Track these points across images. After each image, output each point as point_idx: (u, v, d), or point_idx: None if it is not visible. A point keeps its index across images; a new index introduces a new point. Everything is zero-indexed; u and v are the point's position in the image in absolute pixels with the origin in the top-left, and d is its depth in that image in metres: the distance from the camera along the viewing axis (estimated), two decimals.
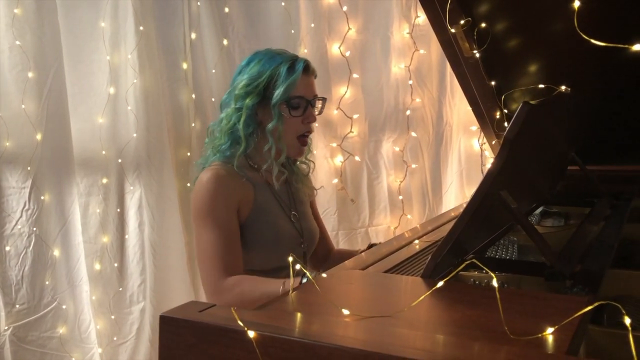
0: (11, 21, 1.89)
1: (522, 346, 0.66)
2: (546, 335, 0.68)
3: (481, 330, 0.74)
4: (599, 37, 0.95)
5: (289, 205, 1.62)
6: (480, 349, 0.68)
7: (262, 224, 1.53)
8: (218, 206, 1.48)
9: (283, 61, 1.52)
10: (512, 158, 0.88)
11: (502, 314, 0.72)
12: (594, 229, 1.24)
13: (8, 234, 1.95)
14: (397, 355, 0.65)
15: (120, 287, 2.20)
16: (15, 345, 1.98)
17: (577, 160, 1.48)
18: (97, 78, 2.15)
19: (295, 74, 1.50)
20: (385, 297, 0.94)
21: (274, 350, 0.69)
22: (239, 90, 1.52)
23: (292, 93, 1.50)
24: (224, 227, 1.48)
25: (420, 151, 2.76)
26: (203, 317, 0.76)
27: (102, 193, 2.17)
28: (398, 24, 2.69)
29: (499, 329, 0.71)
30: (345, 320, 0.77)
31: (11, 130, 1.92)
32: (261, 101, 1.52)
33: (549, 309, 0.73)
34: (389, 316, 0.78)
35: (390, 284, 1.00)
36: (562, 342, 0.66)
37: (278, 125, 1.51)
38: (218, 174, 1.50)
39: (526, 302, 0.84)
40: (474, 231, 0.92)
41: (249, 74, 1.52)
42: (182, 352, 0.75)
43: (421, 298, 0.82)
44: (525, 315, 0.75)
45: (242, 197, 1.52)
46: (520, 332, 0.69)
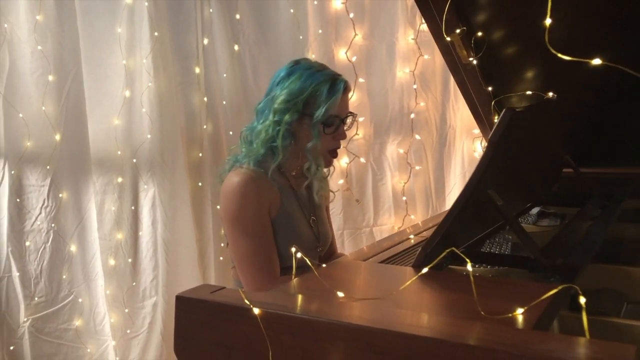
0: (33, 27, 1.94)
1: (493, 323, 0.73)
2: (516, 315, 0.74)
3: (460, 310, 0.81)
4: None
5: (309, 210, 1.63)
6: (456, 324, 0.74)
7: (286, 227, 1.53)
8: (253, 209, 1.48)
9: (324, 79, 1.49)
10: (498, 159, 0.93)
11: (476, 297, 0.78)
12: (582, 226, 1.28)
13: (28, 229, 2.01)
14: (381, 328, 0.71)
15: (134, 282, 2.23)
16: (34, 336, 2.03)
17: (571, 163, 1.52)
18: (113, 81, 2.18)
19: (336, 95, 1.48)
20: (378, 283, 1.00)
21: (276, 325, 0.75)
22: (279, 105, 1.49)
23: (331, 113, 1.49)
24: (260, 229, 1.49)
25: (424, 153, 2.77)
26: (214, 297, 0.82)
27: (117, 191, 2.20)
28: (403, 30, 2.71)
29: (475, 310, 0.77)
30: (340, 301, 0.83)
31: (32, 131, 1.97)
32: (301, 118, 1.50)
33: (523, 294, 0.79)
34: (379, 298, 0.83)
35: (383, 272, 1.06)
36: (529, 320, 0.73)
37: (317, 143, 1.50)
38: (251, 177, 1.49)
39: (503, 288, 0.91)
40: (464, 226, 0.97)
41: (289, 88, 1.49)
42: (196, 328, 0.81)
43: (408, 283, 0.88)
44: (501, 298, 0.81)
45: (272, 200, 1.52)
46: (494, 312, 0.75)
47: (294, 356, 0.73)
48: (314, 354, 0.72)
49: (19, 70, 1.95)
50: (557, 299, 0.76)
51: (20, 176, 1.98)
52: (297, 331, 0.74)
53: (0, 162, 1.95)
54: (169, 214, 2.26)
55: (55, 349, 2.08)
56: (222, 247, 2.45)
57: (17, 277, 1.98)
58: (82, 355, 2.13)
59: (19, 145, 1.96)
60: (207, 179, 2.40)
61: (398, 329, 0.70)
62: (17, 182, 1.97)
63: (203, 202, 2.41)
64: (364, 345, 0.70)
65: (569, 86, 1.16)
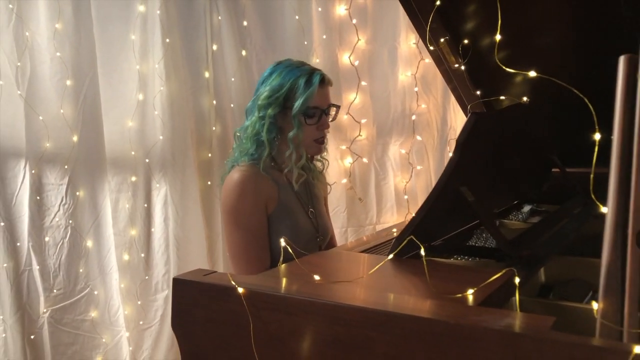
0: (52, 35, 1.98)
1: (445, 300, 0.82)
2: (466, 295, 0.82)
3: (418, 290, 0.91)
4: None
5: (307, 202, 1.69)
6: (407, 300, 0.84)
7: (284, 220, 1.59)
8: (248, 204, 1.55)
9: (301, 74, 1.57)
10: (468, 159, 1.01)
11: (430, 279, 0.87)
12: (557, 222, 1.35)
13: (47, 225, 2.03)
14: (343, 303, 0.80)
15: (147, 275, 2.26)
16: (53, 326, 2.05)
17: (557, 163, 1.58)
18: (127, 85, 2.21)
19: (312, 87, 1.55)
20: (353, 269, 1.09)
21: (257, 302, 0.84)
22: (262, 101, 1.58)
23: (309, 104, 1.56)
24: (254, 224, 1.55)
25: (425, 154, 2.80)
26: (206, 279, 0.91)
27: (131, 190, 2.23)
28: (405, 35, 2.74)
29: (431, 290, 0.86)
30: (316, 283, 0.91)
31: (51, 132, 2.00)
32: (281, 110, 1.58)
33: (477, 278, 0.87)
34: (349, 281, 0.92)
35: (359, 260, 1.15)
36: (476, 300, 0.81)
37: (298, 133, 1.57)
38: (247, 174, 1.56)
39: (460, 273, 1.00)
40: (439, 220, 1.05)
41: (270, 85, 1.58)
42: (189, 306, 0.90)
43: (375, 268, 0.98)
44: (456, 282, 0.90)
45: (268, 195, 1.58)
46: (446, 292, 0.84)
47: (271, 329, 0.82)
48: (288, 326, 0.81)
49: (39, 76, 1.99)
50: (507, 283, 0.84)
51: (40, 175, 2.01)
52: (274, 307, 0.83)
53: (21, 162, 1.98)
54: (180, 212, 2.29)
55: (73, 339, 2.10)
56: None
57: (37, 270, 2.01)
58: (97, 345, 2.15)
59: (39, 146, 1.99)
60: (216, 178, 2.43)
61: (356, 304, 0.79)
62: (37, 180, 2.00)
63: (212, 200, 2.44)
64: (329, 319, 0.79)
65: (554, 91, 1.23)
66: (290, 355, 0.81)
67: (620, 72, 0.70)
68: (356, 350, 0.77)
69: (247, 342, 0.84)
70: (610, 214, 0.69)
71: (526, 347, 0.67)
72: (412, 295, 0.86)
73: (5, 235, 1.96)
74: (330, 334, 0.78)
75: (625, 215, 0.68)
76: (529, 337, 0.68)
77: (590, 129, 1.47)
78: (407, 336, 0.74)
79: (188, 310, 0.91)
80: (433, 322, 0.73)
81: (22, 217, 2.00)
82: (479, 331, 0.70)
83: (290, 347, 0.81)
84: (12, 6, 1.91)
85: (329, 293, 0.86)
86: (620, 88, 0.70)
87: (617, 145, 0.69)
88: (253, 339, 0.82)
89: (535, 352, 0.67)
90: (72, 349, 2.11)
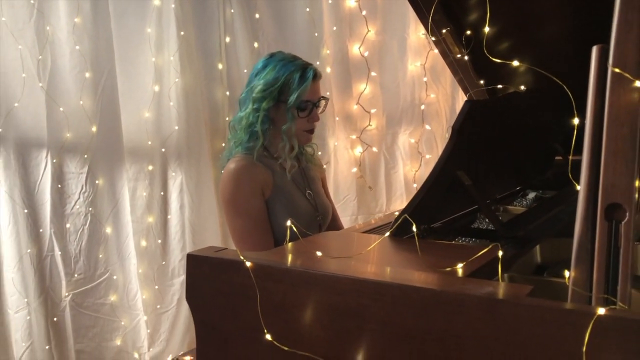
0: (72, 29, 2.01)
1: (438, 273, 0.88)
2: (455, 268, 0.89)
3: (411, 264, 0.97)
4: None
5: (304, 185, 1.73)
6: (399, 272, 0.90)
7: (282, 203, 1.64)
8: (245, 193, 1.60)
9: (295, 69, 1.61)
10: (464, 144, 1.05)
11: (420, 253, 0.94)
12: (553, 206, 1.39)
13: (68, 213, 2.06)
14: (340, 275, 0.87)
15: (163, 261, 2.30)
16: (74, 309, 2.08)
17: (560, 150, 1.60)
18: (143, 77, 2.24)
19: (306, 82, 1.60)
20: (354, 246, 1.14)
21: (263, 274, 0.90)
22: (256, 94, 1.62)
23: (302, 98, 1.61)
24: (253, 210, 1.60)
25: (434, 143, 2.82)
26: (217, 254, 0.98)
27: (147, 178, 2.27)
28: (414, 26, 2.75)
29: (423, 264, 0.93)
30: (318, 259, 0.98)
31: (71, 123, 2.03)
32: (275, 103, 1.63)
33: (467, 254, 0.92)
34: (349, 257, 0.98)
35: (361, 239, 1.20)
36: (465, 272, 0.88)
37: (291, 126, 1.62)
38: (242, 164, 1.62)
39: (453, 250, 1.07)
40: (437, 204, 1.09)
41: (265, 79, 1.62)
42: (202, 280, 0.97)
43: (372, 246, 1.04)
44: (448, 257, 0.95)
45: (264, 181, 1.63)
46: (438, 266, 0.90)
47: (276, 299, 0.89)
48: (291, 296, 0.88)
49: (59, 68, 2.02)
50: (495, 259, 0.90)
51: (61, 164, 2.04)
52: (278, 279, 0.89)
53: (43, 152, 2.01)
54: (195, 199, 2.33)
55: (93, 322, 2.14)
56: None
57: (59, 255, 2.04)
58: (116, 328, 2.19)
59: (60, 136, 2.02)
60: None
61: (358, 275, 0.85)
62: (59, 169, 2.04)
63: None
64: (328, 289, 0.85)
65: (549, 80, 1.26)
66: (292, 322, 0.88)
67: (592, 61, 0.74)
68: (352, 317, 0.83)
69: (254, 311, 0.90)
70: (582, 191, 0.74)
71: (504, 311, 0.73)
72: (409, 268, 0.92)
73: (29, 222, 1.99)
74: (329, 302, 0.85)
75: (595, 192, 0.73)
76: (506, 303, 0.74)
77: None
78: (396, 303, 0.80)
79: (200, 284, 0.98)
80: (420, 290, 0.79)
81: (45, 205, 2.04)
82: (462, 297, 0.76)
83: (293, 314, 0.88)
84: (34, 2, 1.95)
85: (328, 267, 0.92)
86: (592, 76, 0.74)
87: (589, 129, 0.74)
88: (260, 308, 0.87)
89: (511, 316, 0.73)
90: (93, 331, 2.15)
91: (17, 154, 1.97)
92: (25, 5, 1.95)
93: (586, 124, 0.74)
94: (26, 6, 1.95)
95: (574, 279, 0.73)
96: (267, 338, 0.90)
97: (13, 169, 1.96)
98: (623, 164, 0.71)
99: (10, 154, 1.95)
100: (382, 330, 0.81)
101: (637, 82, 0.70)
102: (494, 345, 0.74)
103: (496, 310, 0.74)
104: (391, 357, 0.81)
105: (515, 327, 0.72)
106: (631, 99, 0.70)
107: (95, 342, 2.14)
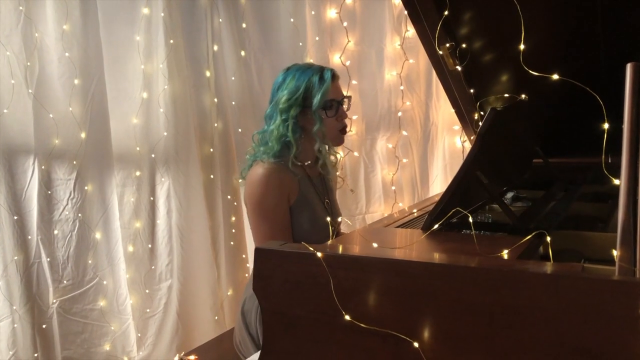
0: (60, 36, 1.97)
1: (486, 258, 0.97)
2: (502, 254, 0.98)
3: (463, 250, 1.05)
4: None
5: (324, 194, 1.76)
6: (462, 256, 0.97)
7: (305, 210, 1.66)
8: (274, 197, 1.60)
9: (313, 73, 1.64)
10: (485, 149, 1.12)
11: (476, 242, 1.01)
12: (549, 203, 1.48)
13: (56, 219, 2.01)
14: (402, 259, 0.96)
15: (152, 266, 2.27)
16: (62, 316, 2.03)
17: (541, 154, 1.70)
18: (132, 84, 2.21)
19: (326, 82, 1.63)
20: (398, 239, 1.22)
21: (334, 263, 0.98)
22: (283, 105, 1.63)
23: (326, 98, 1.63)
24: (279, 215, 1.61)
25: (410, 148, 2.87)
26: (283, 247, 1.06)
27: (136, 184, 2.23)
28: (390, 37, 2.80)
29: (473, 251, 1.02)
30: (378, 248, 1.06)
31: (60, 130, 1.99)
32: (302, 110, 1.64)
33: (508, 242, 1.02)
34: (403, 247, 1.06)
35: (399, 233, 1.28)
36: (512, 257, 0.97)
37: (321, 127, 1.63)
38: (271, 169, 1.62)
39: (491, 240, 1.15)
40: (458, 200, 1.15)
41: (287, 89, 1.63)
42: (270, 271, 1.04)
43: (423, 236, 1.13)
44: (491, 245, 1.05)
45: (290, 188, 1.64)
46: (486, 252, 0.99)
47: (347, 285, 0.97)
48: (361, 281, 0.96)
49: (48, 75, 1.98)
50: (529, 247, 1.02)
51: (49, 170, 2.00)
52: (349, 267, 0.97)
53: (30, 158, 1.96)
54: (184, 204, 2.31)
55: (82, 328, 2.09)
56: (232, 232, 2.52)
57: (47, 262, 2.00)
58: (106, 333, 2.15)
59: (49, 142, 1.98)
60: (217, 172, 2.46)
61: (415, 259, 0.95)
62: (47, 176, 2.00)
63: (214, 192, 2.47)
64: (396, 273, 0.94)
65: (537, 89, 1.35)
66: (363, 305, 0.96)
67: (627, 76, 0.84)
68: (423, 297, 0.93)
69: (324, 296, 0.98)
70: (622, 185, 0.85)
71: (565, 285, 0.83)
72: (460, 254, 1.02)
73: (15, 229, 1.94)
74: (400, 285, 0.94)
75: (635, 185, 0.84)
76: (567, 277, 0.83)
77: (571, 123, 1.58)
78: (465, 282, 0.89)
79: (268, 274, 1.05)
80: (487, 271, 0.89)
81: (32, 212, 1.99)
82: (526, 275, 0.86)
83: (364, 298, 0.96)
84: (22, 8, 1.90)
85: (390, 253, 1.02)
86: (628, 88, 0.83)
87: (627, 134, 0.84)
88: (334, 293, 0.96)
89: (571, 290, 0.82)
90: (81, 337, 2.11)
91: (3, 161, 1.91)
92: (12, 11, 1.89)
93: (624, 129, 0.84)
94: (13, 12, 1.89)
95: (620, 257, 0.84)
96: (346, 319, 0.96)
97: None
98: None
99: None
100: (452, 307, 0.90)
101: None
102: (556, 316, 0.83)
103: (558, 285, 0.83)
104: (460, 332, 0.90)
105: (575, 299, 0.82)
106: None
107: (84, 348, 2.11)
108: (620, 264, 0.84)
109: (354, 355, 0.96)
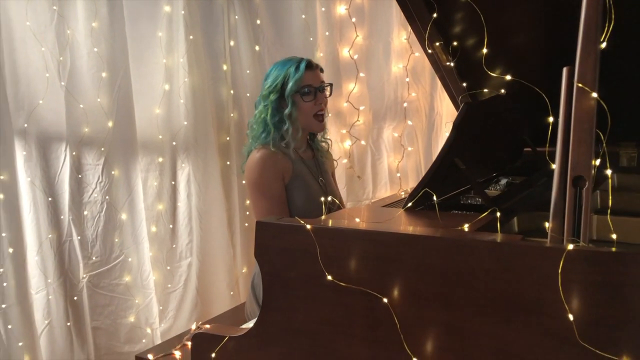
0: (90, 32, 2.07)
1: (448, 230, 1.11)
2: (463, 227, 1.12)
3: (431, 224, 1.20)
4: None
5: (317, 173, 1.90)
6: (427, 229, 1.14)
7: (300, 187, 1.81)
8: (269, 177, 1.77)
9: (291, 64, 1.82)
10: (460, 138, 1.24)
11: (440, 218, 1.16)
12: (527, 188, 1.60)
13: (86, 201, 2.11)
14: (380, 230, 1.11)
15: (173, 244, 2.37)
16: (91, 290, 2.14)
17: (529, 142, 1.80)
18: (155, 77, 2.29)
19: (300, 70, 1.80)
20: (380, 215, 1.35)
21: (321, 233, 1.12)
22: (265, 92, 1.83)
23: (301, 84, 1.79)
24: (275, 193, 1.77)
25: (415, 137, 2.93)
26: (281, 221, 1.21)
27: (158, 169, 2.32)
28: (397, 31, 2.85)
29: (438, 225, 1.18)
30: (359, 223, 1.19)
31: (89, 119, 2.08)
32: (281, 96, 1.82)
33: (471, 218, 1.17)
34: (381, 222, 1.19)
35: (383, 210, 1.43)
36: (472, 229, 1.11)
37: (292, 110, 1.80)
38: (265, 152, 1.79)
39: (459, 217, 1.28)
40: (440, 184, 1.28)
41: (270, 79, 1.84)
42: (269, 240, 1.19)
43: (399, 212, 1.27)
44: (457, 220, 1.20)
45: (284, 167, 1.80)
46: (451, 226, 1.14)
47: (330, 252, 1.11)
48: (342, 249, 1.10)
49: (78, 69, 2.06)
50: (489, 223, 1.16)
51: (79, 156, 2.08)
52: (333, 237, 1.12)
53: (62, 145, 2.06)
54: (202, 188, 2.40)
55: (109, 300, 2.18)
56: (247, 215, 2.60)
57: (77, 240, 2.07)
58: (131, 306, 2.24)
59: (79, 130, 2.06)
60: (234, 159, 2.54)
61: (389, 230, 1.09)
62: (77, 161, 2.08)
63: (230, 178, 2.56)
64: (371, 242, 1.09)
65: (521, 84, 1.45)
66: (344, 268, 1.11)
67: (563, 78, 0.98)
68: (393, 262, 1.07)
69: (312, 261, 1.13)
70: (557, 168, 0.99)
71: (505, 251, 0.97)
72: (429, 228, 1.18)
73: (49, 209, 2.04)
74: (374, 252, 1.09)
75: (565, 169, 0.97)
76: (506, 244, 0.99)
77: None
78: (426, 249, 1.04)
79: (268, 243, 1.20)
80: (443, 240, 1.04)
81: (64, 194, 2.08)
82: (474, 242, 1.01)
83: (344, 263, 1.11)
84: (55, 7, 2.00)
85: (369, 226, 1.16)
86: (563, 88, 0.97)
87: (561, 125, 0.97)
88: (320, 258, 1.11)
89: (510, 255, 0.97)
90: (108, 309, 2.20)
91: (38, 147, 2.01)
92: (47, 10, 1.99)
93: (559, 122, 0.95)
94: (48, 11, 2.00)
95: (551, 228, 0.98)
96: (328, 278, 1.11)
97: (35, 160, 2.01)
98: (584, 148, 0.94)
99: (32, 147, 2.00)
100: (415, 270, 1.05)
101: (594, 94, 0.93)
102: (499, 276, 0.97)
103: (501, 251, 0.98)
104: (422, 290, 1.05)
105: (513, 262, 0.96)
106: (590, 105, 0.93)
107: (111, 319, 2.20)
108: (552, 234, 0.97)
109: (335, 310, 1.11)
